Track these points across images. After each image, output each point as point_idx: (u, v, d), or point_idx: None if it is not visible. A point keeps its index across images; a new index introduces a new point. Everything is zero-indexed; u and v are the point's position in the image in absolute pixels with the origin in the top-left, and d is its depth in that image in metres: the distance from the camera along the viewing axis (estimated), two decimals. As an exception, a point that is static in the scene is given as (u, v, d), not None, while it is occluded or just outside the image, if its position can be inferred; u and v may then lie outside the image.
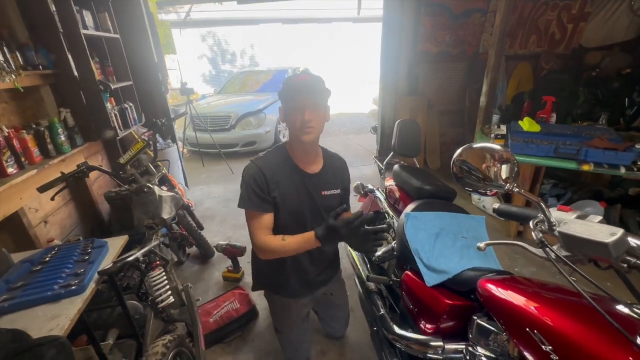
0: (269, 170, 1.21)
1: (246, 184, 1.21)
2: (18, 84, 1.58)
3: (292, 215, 1.27)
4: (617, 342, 0.59)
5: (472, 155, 0.69)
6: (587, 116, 2.97)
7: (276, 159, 1.26)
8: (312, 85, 1.18)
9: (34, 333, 0.88)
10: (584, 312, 0.67)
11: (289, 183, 1.24)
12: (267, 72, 6.92)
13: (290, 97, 1.18)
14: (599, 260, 0.57)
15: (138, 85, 2.95)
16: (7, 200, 1.58)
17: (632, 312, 0.62)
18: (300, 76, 1.20)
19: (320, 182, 1.30)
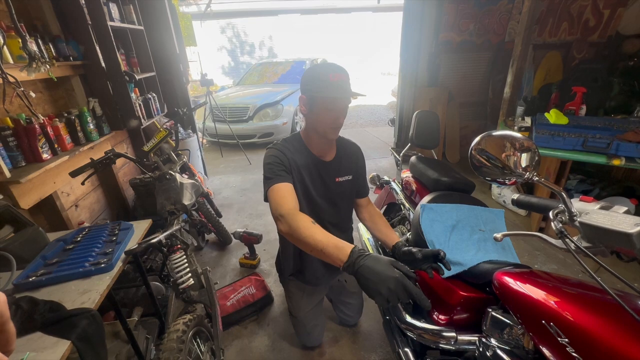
0: (289, 153, 1.24)
1: (270, 162, 1.18)
2: (52, 74, 1.67)
3: (306, 201, 1.30)
4: (637, 337, 0.57)
5: (492, 144, 0.68)
6: (622, 109, 2.78)
7: (293, 146, 1.28)
8: (348, 86, 1.15)
9: (68, 305, 0.95)
10: (603, 305, 0.66)
11: (305, 169, 1.27)
12: (285, 63, 6.93)
13: (325, 96, 1.12)
14: (621, 252, 0.55)
15: (160, 76, 3.03)
16: (43, 184, 1.69)
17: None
18: (337, 74, 1.11)
19: (334, 169, 1.32)
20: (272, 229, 2.62)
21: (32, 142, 1.64)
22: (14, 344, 0.30)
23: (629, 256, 0.55)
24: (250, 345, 1.72)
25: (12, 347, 0.30)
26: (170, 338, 1.21)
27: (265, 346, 1.70)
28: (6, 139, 1.54)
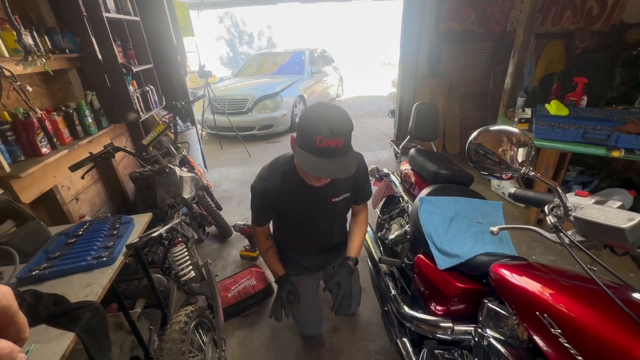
0: (275, 191, 1.23)
1: (255, 204, 1.31)
2: (48, 67, 1.65)
3: (300, 222, 1.36)
4: (629, 329, 0.59)
5: (489, 139, 0.68)
6: (623, 100, 2.76)
7: (282, 177, 1.22)
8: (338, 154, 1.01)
9: (72, 298, 0.97)
10: (596, 298, 0.67)
11: (296, 199, 1.25)
12: (284, 53, 6.85)
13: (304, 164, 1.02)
14: (614, 246, 0.56)
15: (158, 68, 3.00)
16: (43, 178, 1.69)
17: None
18: (326, 140, 0.97)
19: (329, 191, 1.26)
20: (272, 221, 2.63)
21: (30, 137, 1.64)
22: (27, 332, 0.31)
23: (622, 250, 0.56)
24: (251, 335, 1.75)
25: (25, 336, 0.31)
26: (172, 329, 1.24)
27: (267, 336, 1.74)
28: (5, 134, 1.54)
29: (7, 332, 0.29)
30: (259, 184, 1.25)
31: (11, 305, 0.29)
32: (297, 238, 1.45)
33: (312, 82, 6.29)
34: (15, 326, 0.30)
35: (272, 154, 4.82)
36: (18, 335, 0.30)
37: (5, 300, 0.28)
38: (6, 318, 0.28)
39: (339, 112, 1.03)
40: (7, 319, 0.29)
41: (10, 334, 0.29)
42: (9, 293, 0.29)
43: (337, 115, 1.01)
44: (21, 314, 0.30)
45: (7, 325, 0.29)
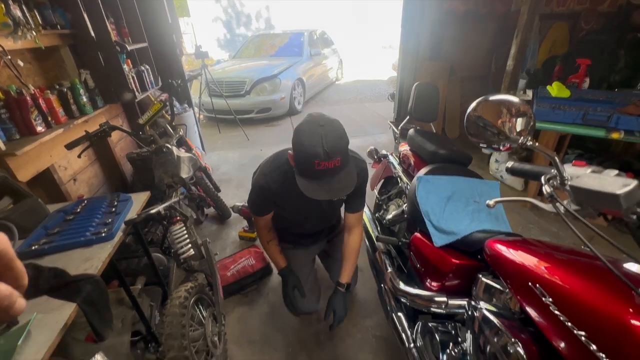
0: (275, 189, 1.25)
1: (255, 197, 1.33)
2: (39, 41, 1.61)
3: (298, 215, 1.40)
4: (618, 295, 0.60)
5: (488, 110, 0.67)
6: (626, 84, 2.72)
7: (284, 177, 1.23)
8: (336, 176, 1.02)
9: (72, 271, 0.97)
10: (586, 268, 0.68)
11: (295, 198, 1.22)
12: (282, 35, 6.68)
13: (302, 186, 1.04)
14: (608, 213, 0.56)
15: (153, 48, 2.93)
16: (38, 157, 1.68)
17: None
18: (324, 163, 0.98)
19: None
20: (270, 203, 2.65)
21: (24, 115, 1.62)
22: (25, 279, 0.31)
23: (616, 217, 0.56)
24: (250, 312, 1.79)
25: (23, 283, 0.31)
26: (173, 304, 1.26)
27: (265, 313, 1.78)
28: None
29: (6, 278, 0.29)
30: (261, 179, 1.27)
31: (7, 251, 0.29)
32: (293, 224, 1.49)
33: (311, 64, 6.17)
34: (12, 272, 0.30)
35: (271, 138, 4.76)
36: (17, 282, 0.30)
37: (0, 246, 0.28)
38: (3, 263, 0.29)
39: (332, 130, 1.01)
40: (4, 265, 0.29)
41: (8, 279, 0.29)
42: (5, 240, 0.29)
43: (331, 134, 0.99)
44: (18, 261, 0.31)
45: (5, 271, 0.29)
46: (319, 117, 1.06)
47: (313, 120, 1.04)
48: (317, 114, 1.09)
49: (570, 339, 0.64)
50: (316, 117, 1.05)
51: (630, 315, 0.56)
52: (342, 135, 1.04)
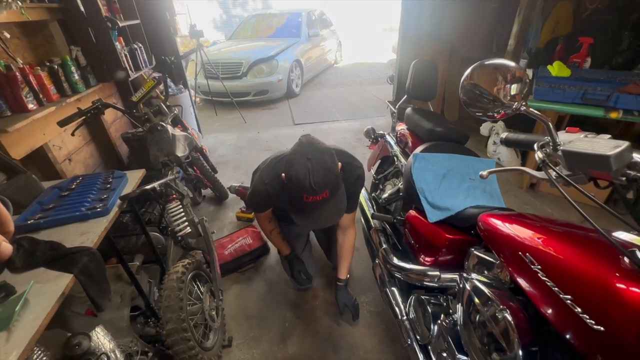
0: (274, 192, 1.29)
1: (255, 197, 1.35)
2: (25, 12, 1.56)
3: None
4: (604, 260, 0.61)
5: (483, 77, 0.66)
6: (628, 66, 2.68)
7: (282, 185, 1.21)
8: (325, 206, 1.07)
9: (68, 245, 0.99)
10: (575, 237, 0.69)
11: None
12: (279, 15, 6.50)
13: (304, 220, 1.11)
14: (599, 177, 0.57)
15: (146, 26, 2.85)
16: (31, 134, 1.66)
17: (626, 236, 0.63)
18: (312, 197, 1.03)
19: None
20: (267, 185, 2.65)
21: (15, 91, 1.58)
22: (11, 225, 0.32)
23: (606, 182, 0.56)
24: (248, 289, 1.82)
25: (9, 229, 0.31)
26: (170, 278, 1.28)
27: (263, 290, 1.81)
28: (-13, 87, 1.48)
29: None
30: (260, 186, 1.30)
31: None
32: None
33: (309, 46, 6.03)
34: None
35: (268, 121, 4.71)
36: (2, 228, 0.30)
37: None
38: None
39: (320, 163, 1.03)
40: None
41: None
42: None
43: (318, 168, 1.02)
44: (2, 206, 0.30)
45: None
46: (308, 145, 1.08)
47: (302, 151, 1.06)
48: (307, 141, 1.10)
49: (556, 304, 0.66)
50: (305, 147, 1.07)
51: (616, 278, 0.58)
52: (330, 167, 1.05)
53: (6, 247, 0.29)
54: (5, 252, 0.29)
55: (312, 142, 1.10)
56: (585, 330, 0.58)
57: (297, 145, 1.11)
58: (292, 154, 1.09)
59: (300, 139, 1.13)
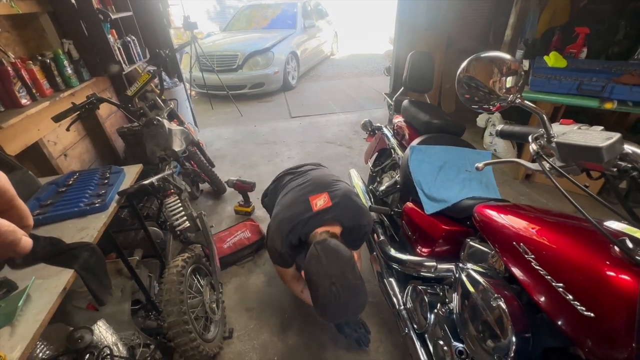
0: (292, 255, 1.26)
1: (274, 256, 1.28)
2: (15, 5, 1.52)
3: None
4: (595, 249, 0.63)
5: (479, 70, 0.66)
6: (624, 55, 2.68)
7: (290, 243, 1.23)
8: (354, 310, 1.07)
9: (67, 241, 0.98)
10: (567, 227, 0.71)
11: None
12: (275, 6, 6.39)
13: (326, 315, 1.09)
14: (591, 168, 0.58)
15: (139, 18, 2.79)
16: (26, 130, 1.64)
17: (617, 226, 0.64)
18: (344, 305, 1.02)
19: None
20: (265, 178, 2.65)
21: (7, 86, 1.56)
22: (30, 219, 0.32)
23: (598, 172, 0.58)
24: (247, 282, 1.84)
25: (28, 223, 0.32)
26: (170, 272, 1.29)
27: (262, 282, 1.83)
28: (-21, 82, 1.46)
29: (10, 217, 0.29)
30: (276, 251, 1.25)
31: (7, 188, 0.29)
32: None
33: (305, 37, 5.96)
34: (16, 211, 0.30)
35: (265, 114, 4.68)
36: (21, 222, 0.31)
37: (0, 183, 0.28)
38: (4, 200, 0.29)
39: (344, 282, 1.01)
40: (6, 202, 0.29)
41: (12, 218, 0.29)
42: (3, 177, 0.29)
43: (343, 290, 1.01)
44: (20, 201, 0.31)
45: (8, 209, 0.29)
46: (329, 263, 1.03)
47: (324, 272, 1.02)
48: (325, 255, 1.04)
49: (549, 292, 0.68)
50: (325, 266, 1.02)
51: (606, 266, 0.59)
52: (354, 283, 1.03)
53: (26, 241, 0.29)
54: (26, 246, 0.29)
55: (330, 257, 1.05)
56: (576, 317, 0.60)
57: (316, 262, 1.05)
58: (314, 275, 1.05)
59: (315, 250, 1.07)
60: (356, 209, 1.25)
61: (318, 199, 1.22)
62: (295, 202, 1.25)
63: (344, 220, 1.22)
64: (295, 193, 1.30)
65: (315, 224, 1.17)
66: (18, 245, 0.28)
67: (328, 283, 1.00)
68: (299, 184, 1.35)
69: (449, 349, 0.98)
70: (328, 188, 1.27)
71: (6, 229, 0.27)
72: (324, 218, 1.18)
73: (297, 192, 1.30)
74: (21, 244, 0.29)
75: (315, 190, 1.26)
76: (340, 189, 1.29)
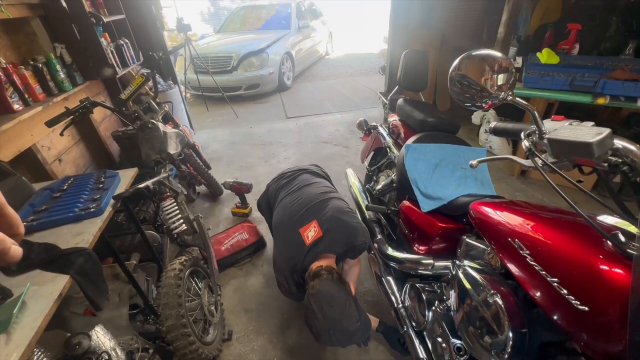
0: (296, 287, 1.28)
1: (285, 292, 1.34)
2: (5, 10, 1.51)
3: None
4: (589, 244, 0.64)
5: (471, 68, 0.67)
6: (616, 50, 2.71)
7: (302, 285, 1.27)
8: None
9: (63, 246, 0.98)
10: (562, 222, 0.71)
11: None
12: (268, 7, 6.38)
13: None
14: (582, 163, 0.58)
15: (131, 21, 2.78)
16: (19, 136, 1.63)
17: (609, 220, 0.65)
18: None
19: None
20: (262, 179, 2.65)
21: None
22: (20, 227, 0.31)
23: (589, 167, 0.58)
24: (246, 283, 1.84)
25: (19, 231, 0.31)
26: (168, 275, 1.29)
27: (260, 283, 1.83)
28: (-30, 88, 1.45)
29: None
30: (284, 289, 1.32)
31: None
32: None
33: (299, 37, 5.96)
34: (5, 219, 0.30)
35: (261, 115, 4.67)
36: (11, 230, 0.30)
37: None
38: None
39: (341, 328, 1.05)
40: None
41: (2, 226, 0.29)
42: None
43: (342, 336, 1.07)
44: (10, 209, 0.30)
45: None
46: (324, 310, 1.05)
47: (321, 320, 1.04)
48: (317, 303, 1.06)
49: (544, 287, 0.68)
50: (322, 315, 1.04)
51: (600, 260, 0.60)
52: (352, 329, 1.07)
53: (15, 250, 0.29)
54: (15, 255, 0.29)
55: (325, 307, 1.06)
56: (571, 311, 0.61)
57: (312, 316, 1.07)
58: (312, 327, 1.09)
59: (309, 302, 1.09)
60: (348, 230, 1.24)
61: (308, 230, 1.24)
62: (289, 239, 1.27)
63: (337, 248, 1.23)
64: (287, 227, 1.31)
65: (310, 259, 1.20)
66: (7, 254, 0.28)
67: (326, 334, 1.06)
68: (290, 205, 1.37)
69: (448, 345, 0.98)
70: (317, 213, 1.27)
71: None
72: (317, 251, 1.20)
73: (288, 226, 1.31)
74: (10, 254, 0.28)
75: (305, 219, 1.27)
76: (329, 209, 1.28)
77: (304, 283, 1.22)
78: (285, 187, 1.51)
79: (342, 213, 1.28)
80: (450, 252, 1.15)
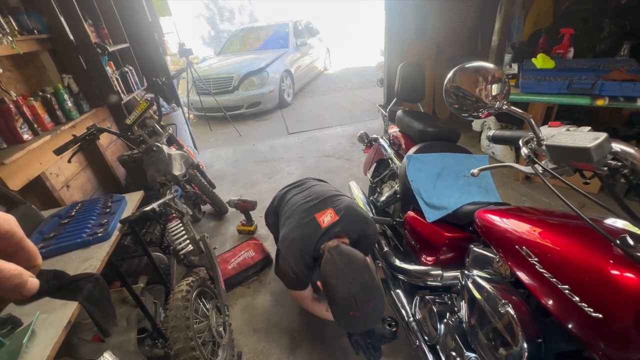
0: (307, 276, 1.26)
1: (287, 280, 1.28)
2: (16, 46, 1.58)
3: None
4: (598, 249, 0.63)
5: (465, 79, 0.68)
6: (611, 52, 2.73)
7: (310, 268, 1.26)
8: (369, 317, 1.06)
9: (71, 272, 0.98)
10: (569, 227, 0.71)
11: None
12: (267, 27, 6.59)
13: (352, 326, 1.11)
14: (583, 168, 0.58)
15: (135, 48, 2.89)
16: (28, 165, 1.67)
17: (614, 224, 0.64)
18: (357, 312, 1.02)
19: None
20: (266, 195, 2.66)
21: (9, 123, 1.60)
22: (38, 259, 0.31)
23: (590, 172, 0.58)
24: (254, 302, 1.82)
25: (37, 263, 0.31)
26: (175, 297, 1.28)
27: (269, 302, 1.81)
28: (-18, 121, 1.50)
29: (18, 258, 0.29)
30: (284, 268, 1.25)
31: (15, 231, 0.29)
32: None
33: (298, 55, 6.11)
34: (24, 252, 0.30)
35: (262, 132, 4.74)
36: (29, 262, 0.31)
37: (7, 225, 0.28)
38: (12, 243, 0.29)
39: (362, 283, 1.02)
40: (14, 244, 0.29)
41: (20, 260, 0.29)
42: (12, 219, 0.29)
43: (362, 292, 1.02)
44: (29, 241, 0.31)
45: (16, 251, 0.29)
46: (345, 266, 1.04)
47: (342, 275, 1.03)
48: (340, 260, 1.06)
49: (555, 295, 0.67)
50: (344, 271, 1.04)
51: (610, 265, 0.59)
52: (372, 284, 1.04)
53: (33, 282, 0.29)
54: (32, 288, 0.29)
55: (345, 259, 1.07)
56: (585, 319, 0.59)
57: (332, 265, 1.07)
58: (331, 278, 1.06)
59: (330, 255, 1.09)
60: (361, 219, 1.28)
61: (324, 215, 1.24)
62: (303, 222, 1.26)
63: (351, 233, 1.24)
64: (301, 213, 1.30)
65: (325, 240, 1.20)
66: (24, 287, 0.28)
67: (347, 285, 1.01)
68: (302, 201, 1.36)
69: (462, 359, 0.96)
70: (332, 203, 1.30)
71: (12, 273, 0.27)
72: (333, 232, 1.21)
73: (302, 212, 1.30)
74: (27, 287, 0.28)
75: (320, 207, 1.28)
76: (343, 202, 1.31)
77: (313, 266, 1.22)
78: (294, 189, 1.52)
79: (355, 205, 1.32)
80: (459, 261, 1.14)
